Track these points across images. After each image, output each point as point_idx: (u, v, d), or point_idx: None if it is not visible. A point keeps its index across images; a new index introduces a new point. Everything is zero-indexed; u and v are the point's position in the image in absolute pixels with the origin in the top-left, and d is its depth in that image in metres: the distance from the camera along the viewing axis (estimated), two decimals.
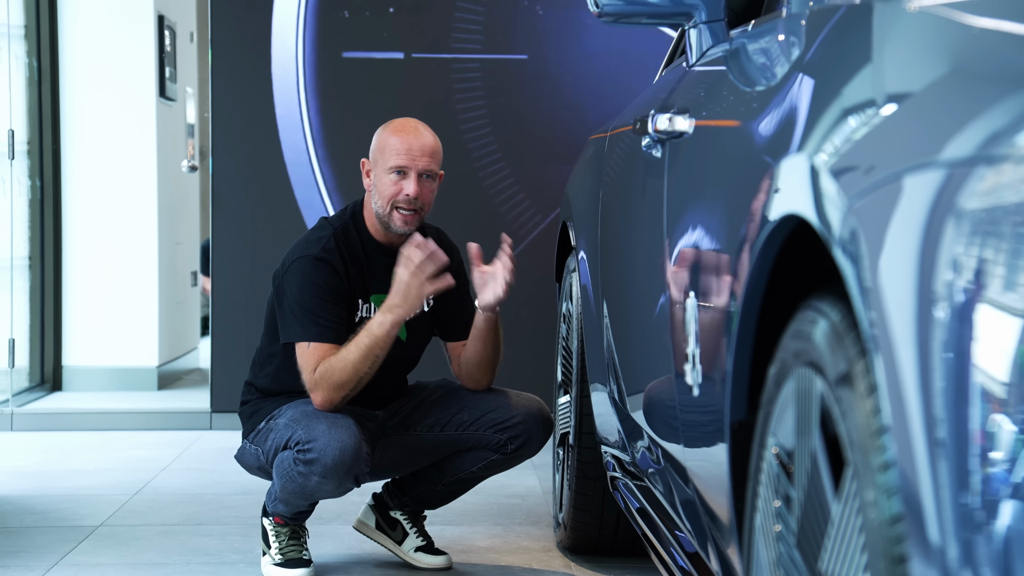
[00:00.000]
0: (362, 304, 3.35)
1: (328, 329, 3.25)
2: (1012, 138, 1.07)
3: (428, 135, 3.36)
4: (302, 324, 3.25)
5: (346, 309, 3.31)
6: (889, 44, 1.40)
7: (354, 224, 3.38)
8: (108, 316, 6.63)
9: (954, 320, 1.09)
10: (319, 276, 3.27)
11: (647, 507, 2.72)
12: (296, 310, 3.26)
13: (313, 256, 3.29)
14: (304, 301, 3.26)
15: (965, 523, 1.07)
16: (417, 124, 3.37)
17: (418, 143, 3.31)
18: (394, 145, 3.31)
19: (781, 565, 1.54)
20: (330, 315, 3.26)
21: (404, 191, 3.29)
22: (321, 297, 3.26)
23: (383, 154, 3.33)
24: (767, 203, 1.57)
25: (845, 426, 1.33)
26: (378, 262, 3.37)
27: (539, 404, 3.45)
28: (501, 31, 5.75)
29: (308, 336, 3.24)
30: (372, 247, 3.37)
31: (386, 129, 3.37)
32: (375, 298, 3.36)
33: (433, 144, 3.35)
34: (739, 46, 2.10)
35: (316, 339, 3.24)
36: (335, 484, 3.18)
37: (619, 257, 2.83)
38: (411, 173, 3.30)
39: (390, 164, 3.30)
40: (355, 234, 3.36)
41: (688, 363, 2.05)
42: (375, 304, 3.36)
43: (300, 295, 3.27)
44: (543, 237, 5.65)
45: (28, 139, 6.46)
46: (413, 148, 3.30)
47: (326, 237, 3.33)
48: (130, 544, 3.75)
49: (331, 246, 3.31)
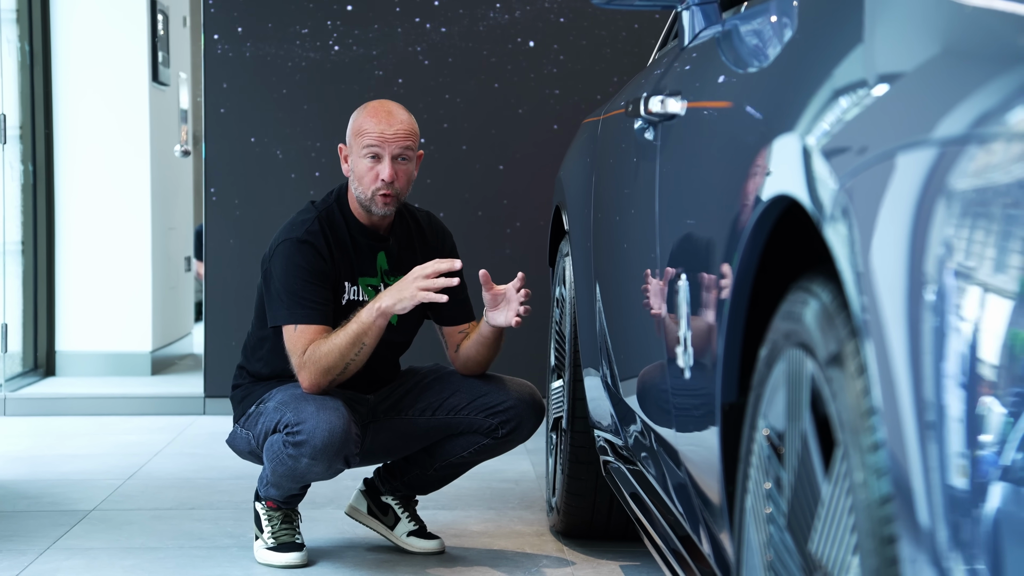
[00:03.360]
0: (349, 286, 3.35)
1: (314, 311, 3.25)
2: (1003, 118, 1.06)
3: (402, 116, 3.34)
4: (288, 307, 3.25)
5: (332, 291, 3.31)
6: (880, 24, 1.40)
7: (339, 207, 3.38)
8: (101, 301, 6.62)
9: (945, 301, 1.09)
10: (303, 258, 3.27)
11: (640, 491, 2.72)
12: (282, 293, 3.26)
13: (297, 239, 3.29)
14: (290, 284, 3.26)
15: (954, 503, 1.07)
16: (391, 106, 3.36)
17: (391, 126, 3.30)
18: (367, 129, 3.31)
19: (772, 547, 1.54)
20: (316, 297, 3.26)
21: (380, 176, 3.29)
22: (306, 279, 3.26)
23: (357, 138, 3.33)
24: (759, 184, 1.57)
25: (835, 407, 1.33)
26: (363, 244, 3.37)
27: (531, 389, 3.44)
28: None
29: (295, 319, 3.24)
30: (357, 230, 3.37)
31: (360, 113, 3.36)
32: (362, 280, 3.36)
33: (407, 126, 3.33)
34: (732, 28, 2.10)
35: (302, 321, 3.24)
36: (325, 466, 3.18)
37: (612, 241, 2.83)
38: (385, 157, 3.29)
39: (364, 149, 3.30)
40: (340, 217, 3.36)
41: (680, 346, 2.04)
42: (362, 287, 3.35)
43: (285, 278, 3.27)
44: (536, 221, 5.64)
45: (20, 124, 6.44)
46: (386, 132, 3.30)
47: (310, 220, 3.33)
48: (123, 528, 3.75)
49: (315, 228, 3.31)
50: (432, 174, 5.60)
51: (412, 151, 3.34)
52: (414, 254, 3.42)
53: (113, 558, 3.44)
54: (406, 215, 3.46)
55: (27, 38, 6.47)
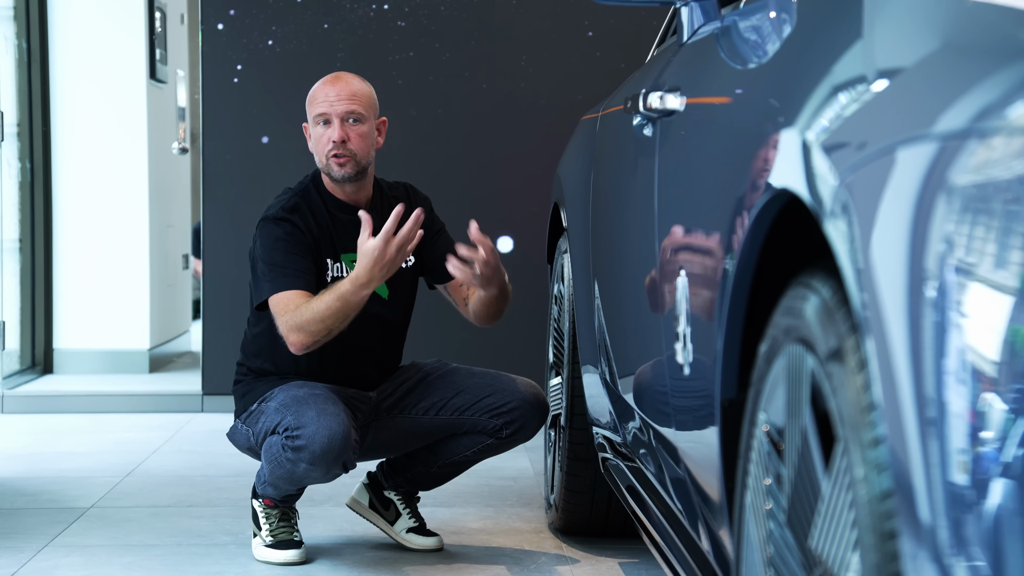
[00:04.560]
0: (331, 264, 3.35)
1: (298, 278, 3.24)
2: (1004, 112, 1.06)
3: (351, 80, 3.38)
4: (270, 280, 3.25)
5: (314, 262, 3.30)
6: (880, 19, 1.39)
7: (315, 186, 3.40)
8: (99, 299, 6.61)
9: (945, 297, 1.08)
10: (282, 231, 3.29)
11: (638, 487, 2.72)
12: (264, 269, 3.27)
13: (273, 216, 3.32)
14: (271, 257, 3.26)
15: (955, 499, 1.06)
16: (341, 73, 3.41)
17: (336, 89, 3.34)
18: (316, 96, 3.37)
19: (771, 543, 1.54)
20: (297, 265, 3.26)
21: (330, 139, 3.30)
22: (286, 251, 3.26)
23: (309, 108, 3.38)
24: (758, 179, 1.57)
25: (836, 402, 1.33)
26: (342, 220, 3.37)
27: (535, 389, 3.44)
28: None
29: (277, 287, 3.23)
30: (334, 205, 3.38)
31: (314, 87, 3.40)
32: (345, 257, 3.36)
33: (356, 88, 3.36)
34: (730, 24, 2.09)
35: (285, 288, 3.22)
36: (323, 471, 3.17)
37: (610, 237, 2.82)
38: (334, 119, 3.32)
39: (315, 117, 3.35)
40: (316, 195, 3.38)
41: (679, 342, 2.04)
42: (345, 263, 3.35)
43: (266, 252, 3.27)
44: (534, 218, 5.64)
45: (18, 121, 6.43)
46: (330, 95, 3.33)
47: (285, 198, 3.37)
48: (121, 526, 3.75)
49: (290, 205, 3.33)
50: (432, 173, 5.59)
51: (363, 111, 3.34)
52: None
53: (111, 555, 3.44)
54: (384, 188, 3.46)
55: (24, 35, 6.46)
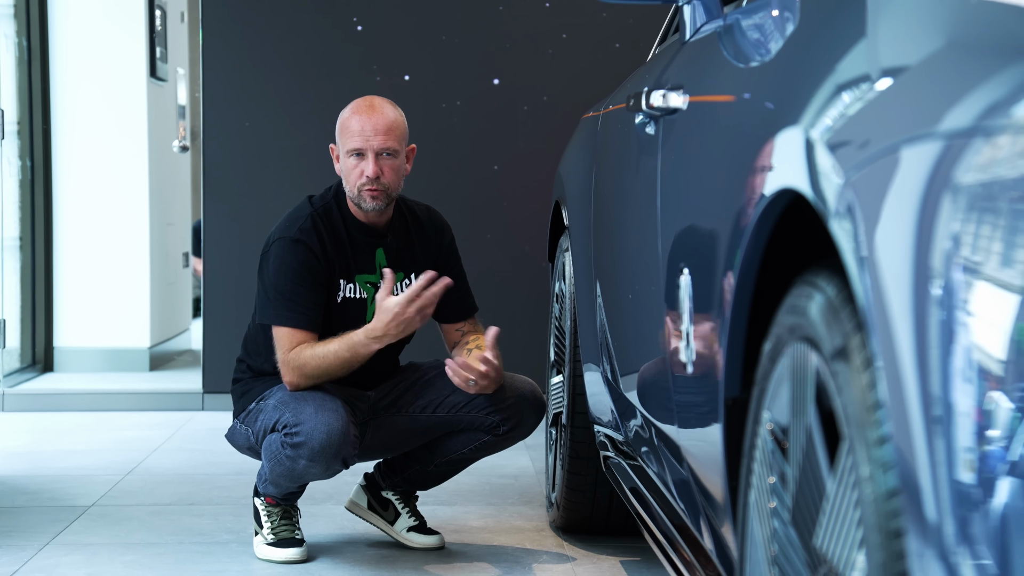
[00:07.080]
0: (345, 284, 3.35)
1: (302, 315, 3.26)
2: (1010, 111, 1.06)
3: (386, 112, 3.32)
4: (275, 308, 3.27)
5: (324, 291, 3.31)
6: (884, 17, 1.39)
7: (337, 204, 3.37)
8: (100, 297, 6.61)
9: (951, 295, 1.08)
10: (295, 258, 3.27)
11: (640, 486, 2.72)
12: (272, 292, 3.28)
13: (291, 238, 3.30)
14: (280, 284, 3.27)
15: (961, 497, 1.06)
16: (375, 101, 3.35)
17: (372, 123, 3.29)
18: (351, 127, 3.31)
19: (776, 542, 1.54)
20: (304, 299, 3.27)
21: (364, 173, 3.28)
22: (296, 280, 3.27)
23: (342, 137, 3.33)
24: (762, 178, 1.57)
25: (841, 401, 1.32)
26: (361, 242, 3.36)
27: (532, 386, 3.44)
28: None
29: (280, 321, 3.27)
30: (354, 227, 3.36)
31: (345, 112, 3.36)
32: (360, 278, 3.35)
33: (391, 121, 3.31)
34: (733, 22, 2.09)
35: (287, 324, 3.26)
36: (323, 467, 3.18)
37: (612, 236, 2.82)
38: (368, 154, 3.29)
39: (348, 147, 3.31)
40: (337, 214, 3.36)
41: (682, 341, 2.04)
42: (359, 284, 3.35)
43: (276, 277, 3.28)
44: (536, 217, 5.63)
45: (18, 119, 6.43)
46: (366, 128, 3.29)
47: (304, 217, 3.33)
48: (122, 524, 3.75)
49: (308, 226, 3.31)
50: (431, 172, 5.59)
51: (397, 146, 3.32)
52: (413, 250, 3.42)
53: (112, 554, 3.44)
54: (404, 210, 3.45)
55: (25, 34, 6.45)
